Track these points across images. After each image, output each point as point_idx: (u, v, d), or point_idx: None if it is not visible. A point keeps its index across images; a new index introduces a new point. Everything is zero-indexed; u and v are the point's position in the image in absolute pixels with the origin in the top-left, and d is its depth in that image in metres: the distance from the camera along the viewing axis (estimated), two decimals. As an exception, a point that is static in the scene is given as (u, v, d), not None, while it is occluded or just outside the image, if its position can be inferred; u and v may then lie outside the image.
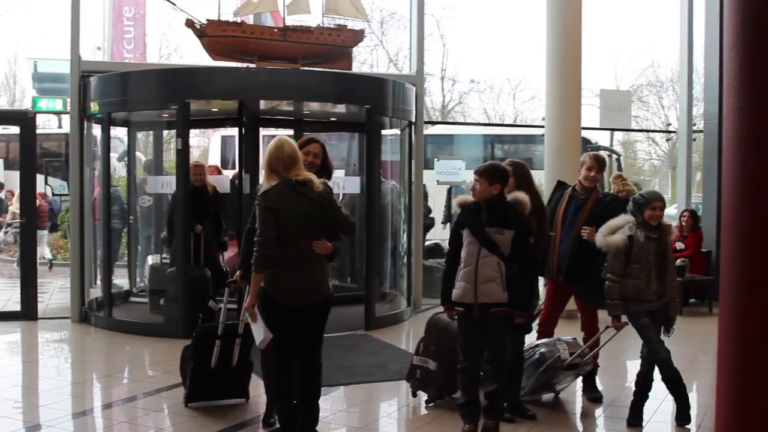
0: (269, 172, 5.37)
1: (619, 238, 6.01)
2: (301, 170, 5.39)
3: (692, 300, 12.26)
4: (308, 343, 5.55)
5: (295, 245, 5.34)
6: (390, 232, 11.75)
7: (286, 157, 5.33)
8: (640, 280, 5.99)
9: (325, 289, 5.53)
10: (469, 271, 5.67)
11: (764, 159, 2.74)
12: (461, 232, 5.77)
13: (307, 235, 5.36)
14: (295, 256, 5.34)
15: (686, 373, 8.11)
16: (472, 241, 5.68)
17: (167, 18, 31.08)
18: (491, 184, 5.70)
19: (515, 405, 6.34)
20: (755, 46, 2.76)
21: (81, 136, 10.46)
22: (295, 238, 5.33)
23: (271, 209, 5.28)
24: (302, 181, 5.35)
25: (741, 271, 2.83)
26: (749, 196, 2.78)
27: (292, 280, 5.37)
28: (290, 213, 5.28)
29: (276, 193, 5.31)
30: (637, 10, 47.36)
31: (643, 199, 6.07)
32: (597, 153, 7.12)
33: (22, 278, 10.62)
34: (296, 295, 5.39)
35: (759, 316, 2.77)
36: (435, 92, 35.84)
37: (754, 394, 2.81)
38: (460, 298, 5.72)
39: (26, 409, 6.77)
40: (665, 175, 40.38)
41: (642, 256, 5.98)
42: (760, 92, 2.75)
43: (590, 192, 6.80)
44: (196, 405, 6.52)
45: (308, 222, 5.36)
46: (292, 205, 5.29)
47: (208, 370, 6.40)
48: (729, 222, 2.86)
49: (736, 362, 2.86)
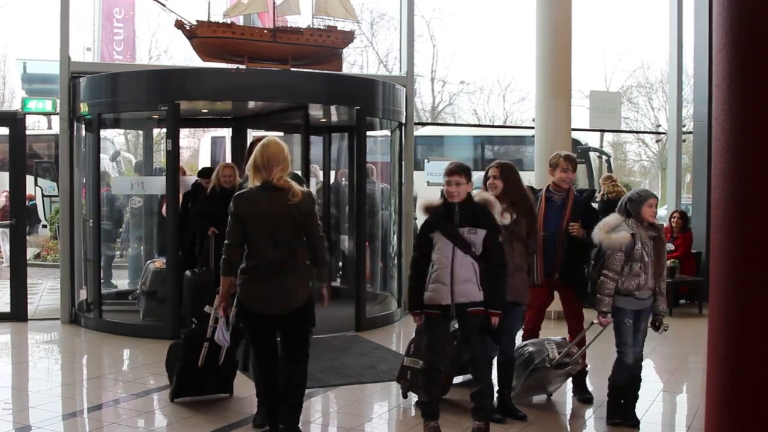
0: (253, 171, 5.27)
1: (623, 235, 5.99)
2: (283, 174, 5.26)
3: (682, 301, 12.29)
4: (292, 343, 5.50)
5: (264, 253, 5.24)
6: (380, 234, 11.76)
7: (271, 157, 5.22)
8: (641, 278, 6.01)
9: (297, 298, 5.34)
10: (444, 273, 5.66)
11: (754, 160, 2.75)
12: (430, 235, 5.73)
13: (278, 243, 5.24)
14: (262, 264, 5.25)
15: (676, 374, 8.17)
16: (445, 243, 5.67)
17: (157, 19, 31.03)
18: (468, 182, 5.75)
19: (506, 406, 6.35)
20: (744, 47, 2.77)
21: (71, 137, 10.43)
22: (264, 245, 5.23)
23: (238, 216, 5.21)
24: (279, 186, 5.22)
25: (730, 272, 2.84)
26: (739, 198, 2.79)
27: (259, 289, 5.27)
28: (259, 219, 5.19)
29: (248, 197, 5.24)
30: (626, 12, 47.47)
31: (639, 197, 6.09)
32: (568, 153, 7.12)
33: (12, 279, 10.59)
34: (264, 305, 5.30)
35: (749, 317, 2.78)
36: (425, 93, 35.87)
37: (743, 395, 2.82)
38: (436, 300, 5.69)
39: (16, 410, 6.75)
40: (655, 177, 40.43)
41: (644, 254, 6.01)
42: (750, 93, 2.76)
43: (566, 192, 6.84)
44: (183, 402, 6.58)
45: (279, 230, 5.23)
46: (263, 211, 5.19)
47: (195, 370, 6.49)
48: (718, 223, 2.87)
49: (726, 363, 2.87)
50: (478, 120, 35.72)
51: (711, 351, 2.96)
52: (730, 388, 2.85)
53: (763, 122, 2.72)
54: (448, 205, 5.73)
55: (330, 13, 10.28)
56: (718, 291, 2.90)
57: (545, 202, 6.85)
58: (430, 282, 5.70)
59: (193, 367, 6.48)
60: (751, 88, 2.75)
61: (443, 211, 5.73)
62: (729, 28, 2.80)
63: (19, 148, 10.74)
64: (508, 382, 6.45)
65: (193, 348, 6.47)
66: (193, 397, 6.65)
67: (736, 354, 2.83)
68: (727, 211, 2.82)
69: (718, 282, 2.90)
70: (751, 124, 2.75)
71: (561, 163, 6.82)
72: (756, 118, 2.74)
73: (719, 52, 2.83)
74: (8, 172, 10.84)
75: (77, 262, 10.58)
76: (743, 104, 2.77)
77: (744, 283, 2.79)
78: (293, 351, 5.50)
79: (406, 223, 11.38)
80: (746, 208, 2.77)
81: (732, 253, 2.82)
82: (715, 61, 2.88)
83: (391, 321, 10.58)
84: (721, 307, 2.88)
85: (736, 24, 2.79)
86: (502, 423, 6.18)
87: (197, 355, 6.44)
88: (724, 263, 2.85)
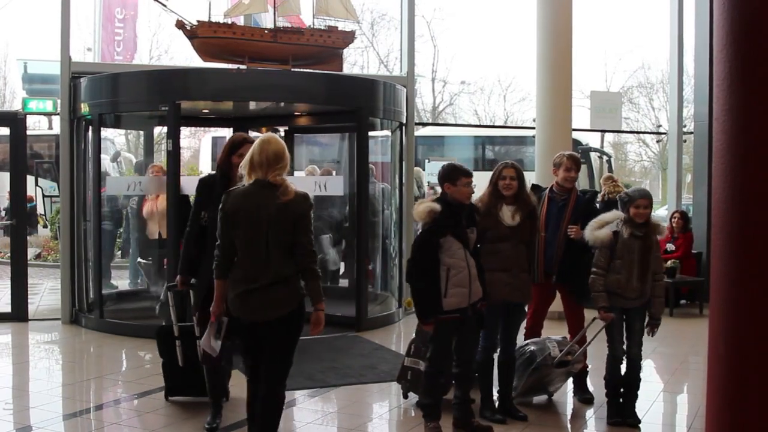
0: (250, 169, 4.87)
1: (604, 232, 6.12)
2: (282, 173, 4.88)
3: (683, 301, 12.28)
4: (269, 362, 4.97)
5: (253, 253, 4.84)
6: (381, 234, 11.75)
7: (270, 154, 4.83)
8: (621, 275, 6.08)
9: (286, 303, 4.88)
10: (463, 276, 5.66)
11: (754, 160, 2.74)
12: (440, 240, 5.67)
13: (260, 242, 4.81)
14: (250, 266, 4.86)
15: (677, 375, 8.17)
16: (458, 247, 5.67)
17: (157, 19, 31.05)
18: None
19: (506, 406, 6.36)
20: (745, 47, 2.76)
21: (71, 137, 10.43)
22: (254, 244, 4.82)
23: (226, 216, 4.85)
24: (274, 183, 4.83)
25: (731, 272, 2.84)
26: (739, 198, 2.78)
27: (245, 292, 4.85)
28: (249, 217, 4.80)
29: (238, 195, 4.88)
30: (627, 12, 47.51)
31: (627, 197, 6.16)
32: (572, 153, 7.14)
33: (13, 279, 10.60)
34: (249, 309, 4.88)
35: (749, 318, 2.78)
36: (426, 94, 35.94)
37: (744, 396, 2.81)
38: (458, 304, 5.68)
39: (17, 410, 6.75)
40: (656, 177, 40.48)
41: (624, 252, 6.07)
42: (750, 94, 2.75)
43: (569, 192, 6.84)
44: (184, 403, 6.59)
45: (270, 229, 4.80)
46: (253, 209, 4.80)
47: (179, 369, 6.48)
48: (719, 223, 2.87)
49: (727, 363, 2.86)
50: (478, 120, 35.81)
51: (712, 351, 2.96)
52: (731, 389, 2.85)
53: (764, 122, 2.72)
54: (454, 208, 5.72)
55: (331, 14, 10.28)
56: (719, 291, 2.89)
57: (547, 202, 6.85)
58: (449, 287, 5.64)
59: (175, 365, 6.50)
60: (752, 88, 2.75)
61: (450, 214, 5.70)
62: (730, 28, 2.80)
63: (20, 148, 10.74)
64: (509, 383, 6.45)
65: (166, 346, 6.53)
66: (191, 397, 6.64)
67: (737, 354, 2.83)
68: (727, 212, 2.82)
69: (718, 282, 2.90)
70: (751, 124, 2.74)
71: (565, 162, 6.81)
72: (757, 118, 2.73)
73: (720, 52, 2.83)
74: (9, 173, 10.85)
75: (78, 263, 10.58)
76: (744, 104, 2.76)
77: (745, 284, 2.79)
78: (268, 375, 4.98)
79: (407, 223, 11.37)
80: (747, 208, 2.77)
81: (733, 253, 2.82)
82: (715, 61, 2.87)
83: (391, 321, 10.58)
84: (722, 307, 2.88)
85: (736, 24, 2.78)
86: (503, 423, 6.18)
87: (173, 354, 6.47)
88: (725, 263, 2.85)
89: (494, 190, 6.28)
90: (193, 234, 5.92)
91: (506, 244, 6.18)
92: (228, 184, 5.56)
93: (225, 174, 5.85)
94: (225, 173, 5.86)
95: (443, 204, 5.71)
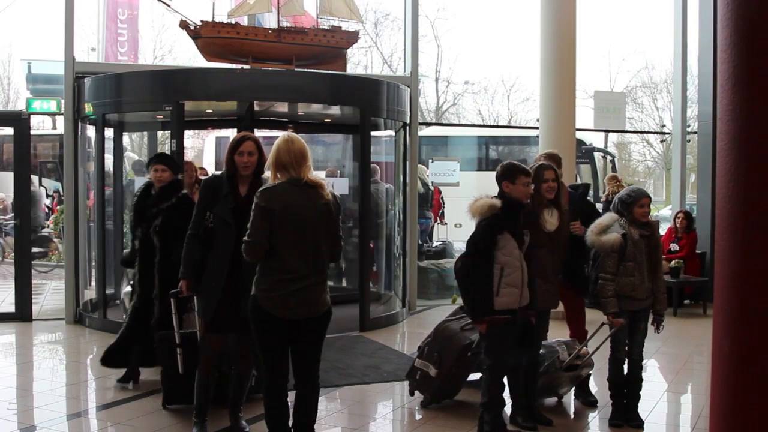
0: (277, 168, 4.86)
1: (613, 237, 5.97)
2: (310, 170, 4.88)
3: (687, 301, 12.26)
4: (302, 358, 5.08)
5: (300, 252, 4.82)
6: (385, 234, 11.75)
7: (298, 153, 4.84)
8: (635, 277, 5.99)
9: (323, 301, 4.99)
10: (517, 276, 5.55)
11: (758, 160, 2.74)
12: (498, 236, 5.54)
13: (307, 242, 4.82)
14: (296, 264, 4.83)
15: (680, 375, 8.16)
16: (513, 246, 5.56)
17: (161, 19, 31.14)
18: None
19: (534, 413, 6.24)
20: (749, 47, 2.76)
21: (75, 137, 10.45)
22: (294, 244, 4.80)
23: (269, 210, 4.76)
24: (312, 183, 4.84)
25: (735, 272, 2.83)
26: (743, 198, 2.78)
27: (287, 291, 4.83)
28: (291, 215, 4.76)
29: (279, 191, 4.81)
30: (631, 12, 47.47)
31: (631, 198, 6.06)
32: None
33: (17, 279, 10.61)
34: (290, 307, 4.87)
35: (753, 317, 2.78)
36: (429, 93, 35.96)
37: (748, 396, 2.81)
38: (510, 304, 5.57)
39: (21, 410, 6.76)
40: (659, 177, 40.48)
41: (636, 253, 6.00)
42: (754, 93, 2.75)
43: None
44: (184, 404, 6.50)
45: (310, 229, 4.82)
46: (296, 208, 4.78)
47: (179, 377, 6.33)
48: (723, 223, 2.86)
49: (731, 363, 2.86)
50: (482, 120, 35.78)
51: (716, 351, 2.95)
52: (735, 389, 2.85)
53: (768, 122, 2.72)
54: (513, 206, 5.59)
55: (334, 14, 10.28)
56: (723, 291, 2.89)
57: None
58: (501, 286, 5.53)
59: (174, 373, 6.35)
60: (756, 88, 2.74)
61: (508, 211, 5.59)
62: (734, 28, 2.79)
63: (24, 148, 10.76)
64: (535, 388, 6.34)
65: (167, 353, 6.41)
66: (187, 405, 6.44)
67: (741, 354, 2.82)
68: (731, 212, 2.82)
69: (722, 282, 2.89)
70: (756, 124, 2.74)
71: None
72: (760, 118, 2.73)
73: (724, 52, 2.83)
74: (12, 173, 10.86)
75: (82, 263, 10.60)
76: (748, 104, 2.76)
77: (749, 283, 2.78)
78: (303, 371, 5.10)
79: (410, 223, 11.38)
80: (751, 208, 2.76)
81: (737, 253, 2.82)
82: (719, 61, 2.87)
83: (395, 321, 10.57)
84: (726, 307, 2.87)
85: (741, 24, 2.78)
86: (534, 431, 6.09)
87: (173, 361, 6.32)
88: (729, 263, 2.85)
89: (536, 193, 6.04)
90: (197, 236, 5.81)
91: (544, 250, 6.04)
92: (235, 183, 5.59)
93: (231, 174, 5.76)
94: (231, 173, 5.81)
95: (505, 201, 5.60)
